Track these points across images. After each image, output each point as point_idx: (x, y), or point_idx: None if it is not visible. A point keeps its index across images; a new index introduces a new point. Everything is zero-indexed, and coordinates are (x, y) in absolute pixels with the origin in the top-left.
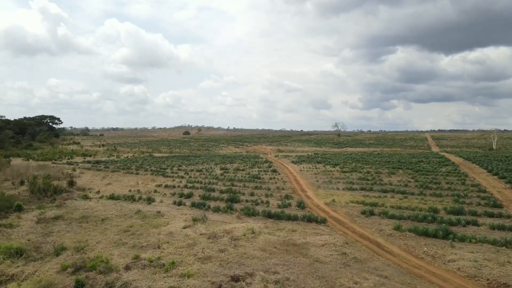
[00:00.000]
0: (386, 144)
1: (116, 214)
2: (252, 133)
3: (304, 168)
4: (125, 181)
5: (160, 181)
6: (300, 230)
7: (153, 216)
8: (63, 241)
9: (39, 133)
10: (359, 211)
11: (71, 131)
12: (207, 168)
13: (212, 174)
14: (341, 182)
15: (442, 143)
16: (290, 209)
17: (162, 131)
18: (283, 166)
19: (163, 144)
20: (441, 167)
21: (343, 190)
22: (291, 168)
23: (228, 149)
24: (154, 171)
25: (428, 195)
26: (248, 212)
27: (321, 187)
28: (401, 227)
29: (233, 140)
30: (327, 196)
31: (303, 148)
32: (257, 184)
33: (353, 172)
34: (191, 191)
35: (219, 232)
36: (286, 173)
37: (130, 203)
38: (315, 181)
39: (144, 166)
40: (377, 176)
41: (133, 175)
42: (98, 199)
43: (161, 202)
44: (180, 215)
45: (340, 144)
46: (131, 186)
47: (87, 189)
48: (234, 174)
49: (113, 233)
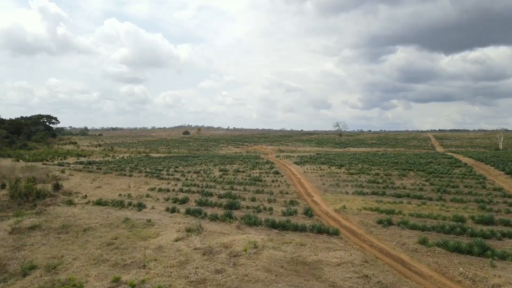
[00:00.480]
0: (388, 144)
1: (101, 223)
2: (252, 133)
3: (308, 170)
4: (117, 184)
5: (154, 184)
6: (309, 244)
7: (142, 226)
8: (34, 257)
9: (35, 133)
10: (374, 220)
11: (70, 131)
12: (205, 169)
13: (210, 176)
14: (350, 185)
15: (446, 143)
16: (296, 218)
17: (162, 131)
18: (285, 167)
19: (161, 144)
20: (453, 168)
21: (353, 195)
22: (294, 169)
23: (227, 149)
24: (149, 173)
25: (448, 200)
26: (250, 221)
27: (328, 191)
28: (427, 241)
29: (233, 140)
30: (336, 202)
31: (305, 148)
32: (259, 188)
33: (361, 174)
34: (187, 196)
35: (216, 246)
36: (289, 175)
37: (119, 210)
38: (321, 184)
39: (138, 168)
40: (388, 179)
41: (126, 177)
42: (84, 204)
43: (152, 208)
44: (173, 224)
45: (342, 144)
46: (122, 190)
47: (74, 193)
48: (234, 176)
49: (94, 246)
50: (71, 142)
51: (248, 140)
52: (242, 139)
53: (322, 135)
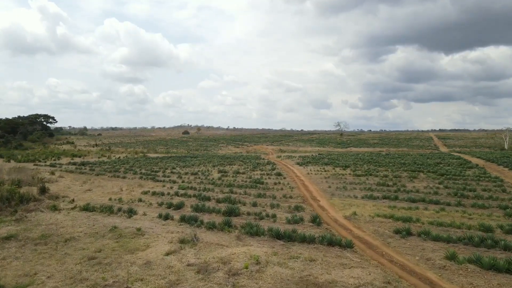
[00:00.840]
0: (391, 143)
1: (86, 232)
2: (252, 133)
3: (312, 171)
4: (108, 187)
5: (148, 186)
6: (320, 259)
7: (131, 235)
8: (3, 275)
9: (32, 133)
10: (390, 229)
11: (69, 130)
12: (203, 171)
13: (208, 178)
14: (358, 188)
15: (449, 142)
16: (303, 226)
17: (161, 130)
18: (287, 168)
19: (160, 143)
20: (465, 169)
21: (362, 199)
22: (296, 170)
23: (227, 149)
24: (144, 175)
25: (468, 206)
26: (251, 230)
27: (335, 195)
28: (456, 256)
29: (233, 140)
30: (345, 207)
31: (306, 148)
32: (260, 191)
33: (369, 176)
34: (182, 201)
35: (213, 261)
36: (292, 176)
37: (107, 216)
38: (327, 187)
39: (133, 169)
40: (398, 181)
41: (119, 180)
42: (70, 210)
43: (144, 215)
44: (165, 234)
45: (343, 144)
46: (113, 193)
47: (61, 197)
48: (234, 178)
49: (74, 261)
50: (68, 142)
51: (248, 140)
52: (242, 139)
53: (323, 135)
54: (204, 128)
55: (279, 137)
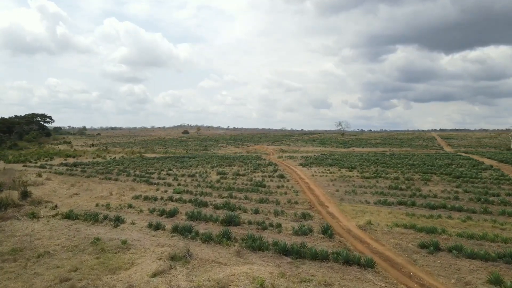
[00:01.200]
0: (393, 143)
1: (64, 245)
2: (252, 133)
3: (317, 173)
4: (98, 190)
5: (141, 190)
6: (337, 284)
7: (115, 250)
8: None
9: (28, 132)
10: (414, 243)
11: (68, 130)
12: (201, 172)
13: (206, 181)
14: (368, 192)
15: (453, 142)
16: (312, 238)
17: (161, 130)
18: (290, 169)
19: (159, 143)
20: (480, 171)
21: (375, 205)
22: (300, 172)
23: (227, 149)
24: (138, 177)
25: (497, 214)
26: (253, 244)
27: (344, 200)
28: (502, 280)
29: (233, 140)
30: (358, 214)
31: (307, 148)
32: (262, 196)
33: (378, 178)
34: (176, 207)
35: (207, 285)
36: (295, 179)
37: (90, 226)
38: (335, 191)
39: (127, 170)
40: (411, 184)
41: (111, 182)
42: (50, 218)
43: (132, 224)
44: (154, 248)
45: (345, 143)
46: (102, 198)
47: (44, 202)
48: (233, 180)
49: (44, 283)
50: (65, 141)
51: (248, 139)
52: (242, 139)
53: (324, 135)
54: (204, 128)
55: (279, 137)
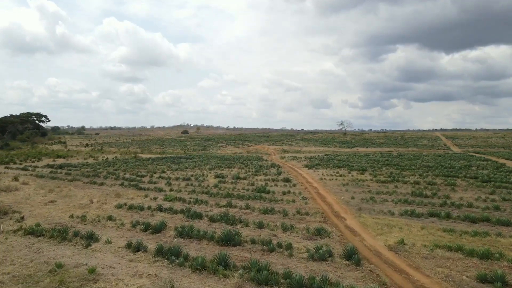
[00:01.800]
0: (398, 143)
1: (15, 274)
2: (252, 132)
3: (325, 176)
4: (78, 197)
5: (127, 197)
6: None
7: (78, 282)
8: None
9: (23, 132)
10: (469, 273)
11: (67, 130)
12: (197, 175)
13: (202, 186)
14: (389, 200)
15: (459, 142)
16: (334, 265)
17: (161, 130)
18: (295, 171)
19: (156, 143)
20: (508, 174)
21: (402, 217)
22: (306, 175)
23: (226, 149)
24: (127, 180)
25: None
26: (258, 276)
27: (363, 210)
28: None
29: (233, 139)
30: (384, 230)
31: (310, 148)
32: (267, 205)
33: (396, 183)
34: (164, 219)
35: None
36: (302, 183)
37: (57, 245)
38: (349, 198)
39: (117, 173)
40: (436, 190)
41: (95, 187)
42: (11, 234)
43: (107, 243)
44: (130, 279)
45: (348, 143)
46: (80, 207)
47: (10, 212)
48: (233, 185)
49: None
50: (60, 141)
51: (248, 139)
52: (242, 138)
53: (325, 134)
54: (203, 128)
55: (280, 136)
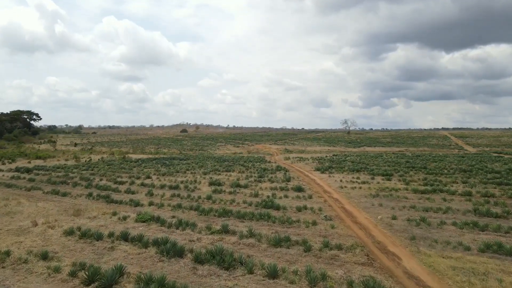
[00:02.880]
0: (406, 142)
1: None
2: (253, 131)
3: (344, 182)
4: (24, 215)
5: (90, 214)
6: None
7: None
8: None
9: (12, 131)
10: None
11: (64, 129)
12: (188, 182)
13: (192, 197)
14: (448, 221)
15: (471, 141)
16: None
17: (160, 129)
18: (305, 176)
19: (152, 143)
20: None
21: (486, 255)
22: (321, 181)
23: (226, 149)
24: (100, 189)
25: None
26: None
27: (418, 239)
28: None
29: (233, 138)
30: (471, 282)
31: (314, 147)
32: (278, 228)
33: (440, 193)
34: (121, 264)
35: None
36: (319, 192)
37: None
38: (389, 217)
39: (92, 178)
40: (502, 204)
41: (56, 198)
42: None
43: None
44: None
45: (354, 142)
46: (17, 232)
47: None
48: (232, 196)
49: None
50: (50, 141)
51: (249, 138)
52: (242, 137)
53: (329, 133)
54: (203, 127)
55: (282, 135)
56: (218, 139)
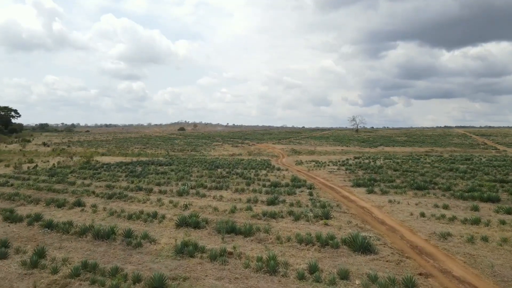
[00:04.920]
0: (425, 141)
1: None
2: (253, 129)
3: (433, 220)
4: None
5: None
6: None
7: None
8: None
9: None
10: None
11: (56, 127)
12: (142, 218)
13: (123, 276)
14: None
15: (497, 140)
16: None
17: (157, 127)
18: (343, 197)
19: (140, 142)
20: None
21: None
22: (382, 214)
23: (222, 149)
24: None
25: None
26: None
27: None
28: None
29: (231, 137)
30: None
31: (325, 147)
32: None
33: None
34: None
35: None
36: (407, 252)
37: None
38: None
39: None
40: None
41: None
42: None
43: None
44: None
45: (367, 141)
46: None
47: None
48: (218, 272)
49: None
50: (24, 140)
51: (249, 137)
52: (242, 136)
53: (336, 131)
54: (202, 125)
55: (285, 133)
56: (215, 137)
